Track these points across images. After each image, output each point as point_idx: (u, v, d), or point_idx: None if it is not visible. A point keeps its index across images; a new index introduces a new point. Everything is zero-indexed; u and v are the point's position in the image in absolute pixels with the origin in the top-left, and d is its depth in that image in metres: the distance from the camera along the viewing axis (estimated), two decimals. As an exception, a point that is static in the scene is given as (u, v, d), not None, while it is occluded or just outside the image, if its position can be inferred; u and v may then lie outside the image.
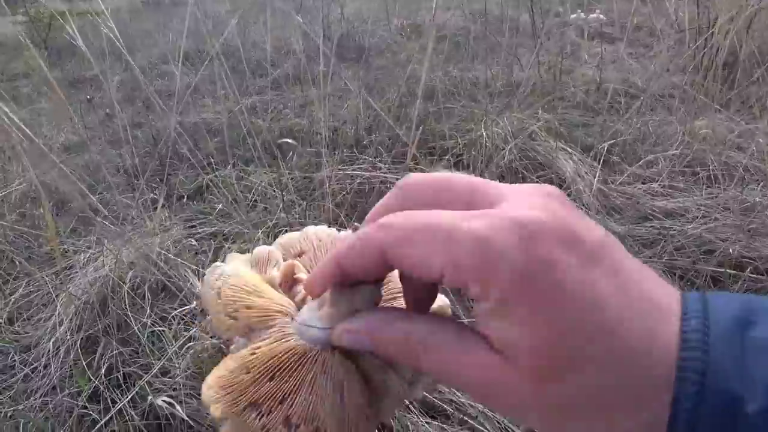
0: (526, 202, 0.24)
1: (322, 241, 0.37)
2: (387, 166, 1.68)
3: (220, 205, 1.86)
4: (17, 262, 2.14)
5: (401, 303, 0.32)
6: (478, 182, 0.26)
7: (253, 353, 0.29)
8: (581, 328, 0.21)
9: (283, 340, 0.30)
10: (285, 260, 0.35)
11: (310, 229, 0.37)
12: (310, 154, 1.93)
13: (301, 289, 0.32)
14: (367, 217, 0.29)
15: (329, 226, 0.38)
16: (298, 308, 0.31)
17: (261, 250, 0.36)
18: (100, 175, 2.40)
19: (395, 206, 0.27)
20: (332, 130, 1.95)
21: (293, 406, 0.28)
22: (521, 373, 0.22)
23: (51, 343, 1.61)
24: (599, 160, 1.88)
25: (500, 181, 0.26)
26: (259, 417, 0.28)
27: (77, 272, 1.79)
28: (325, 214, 1.52)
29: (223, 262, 0.35)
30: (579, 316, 0.21)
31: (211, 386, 0.29)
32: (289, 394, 0.28)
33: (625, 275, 0.22)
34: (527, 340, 0.22)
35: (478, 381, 0.24)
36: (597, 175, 1.82)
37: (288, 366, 0.29)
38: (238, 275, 0.33)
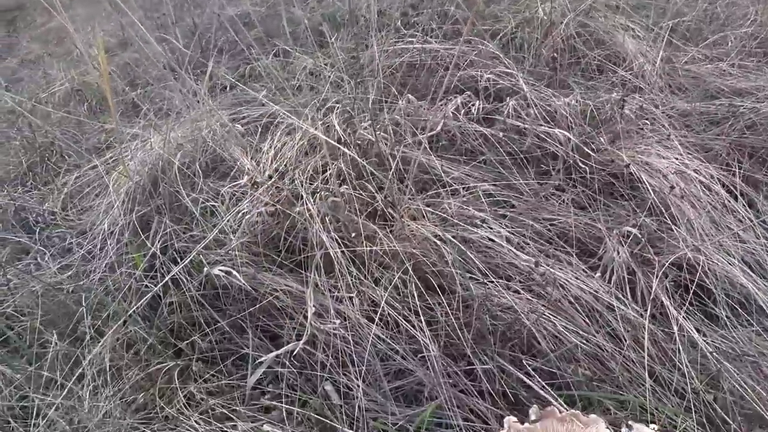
0: None
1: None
2: (437, 40, 1.60)
3: (264, 92, 1.82)
4: (66, 156, 2.17)
5: None
6: None
7: None
8: None
9: None
10: None
11: None
12: (356, 37, 1.85)
13: None
14: None
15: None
16: None
17: None
18: (141, 70, 2.37)
19: None
20: (377, 12, 1.86)
21: None
22: None
23: (106, 224, 1.64)
24: (663, 38, 1.76)
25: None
26: None
27: (127, 157, 1.80)
28: (376, 91, 1.46)
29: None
30: None
31: None
32: None
33: None
34: None
35: None
36: (660, 53, 1.70)
37: None
38: None
